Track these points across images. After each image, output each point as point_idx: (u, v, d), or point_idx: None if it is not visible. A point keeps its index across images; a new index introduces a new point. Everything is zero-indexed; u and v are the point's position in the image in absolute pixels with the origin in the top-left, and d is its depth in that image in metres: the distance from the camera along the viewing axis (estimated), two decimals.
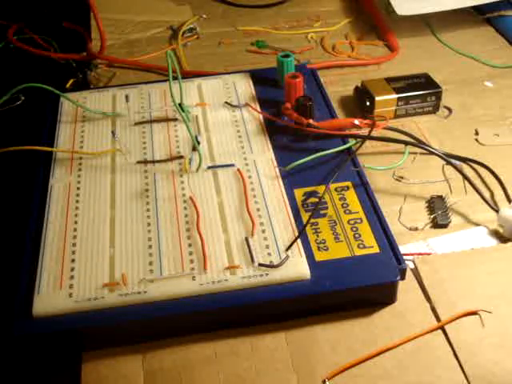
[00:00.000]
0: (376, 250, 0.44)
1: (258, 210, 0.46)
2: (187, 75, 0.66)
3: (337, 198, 0.48)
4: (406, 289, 0.44)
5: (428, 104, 0.62)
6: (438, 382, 0.39)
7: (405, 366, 0.40)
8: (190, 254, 0.43)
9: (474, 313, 0.42)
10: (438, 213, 0.51)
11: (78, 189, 0.49)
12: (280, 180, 0.49)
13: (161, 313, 0.40)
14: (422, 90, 0.62)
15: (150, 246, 0.44)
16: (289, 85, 0.55)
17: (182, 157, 0.52)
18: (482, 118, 0.62)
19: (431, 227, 0.50)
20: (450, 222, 0.50)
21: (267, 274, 0.42)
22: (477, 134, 0.60)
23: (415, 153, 0.57)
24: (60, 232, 0.45)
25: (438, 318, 0.42)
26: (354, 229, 0.45)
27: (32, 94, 0.60)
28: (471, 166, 0.56)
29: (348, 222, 0.46)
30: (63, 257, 0.43)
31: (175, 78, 0.51)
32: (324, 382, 0.39)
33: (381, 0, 0.81)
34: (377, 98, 0.60)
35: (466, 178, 0.52)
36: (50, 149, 0.53)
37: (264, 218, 0.46)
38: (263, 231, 0.45)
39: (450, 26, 0.78)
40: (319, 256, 0.43)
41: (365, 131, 0.52)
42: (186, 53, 0.75)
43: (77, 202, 0.48)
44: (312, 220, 0.46)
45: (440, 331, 0.42)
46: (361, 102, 0.62)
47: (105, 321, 0.40)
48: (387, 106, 0.61)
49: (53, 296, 0.41)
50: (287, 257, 0.43)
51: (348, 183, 0.49)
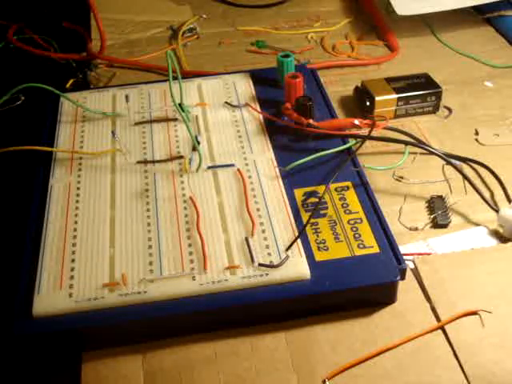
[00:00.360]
0: (376, 250, 0.44)
1: (258, 210, 0.46)
2: (187, 75, 0.66)
3: (337, 198, 0.48)
4: (406, 289, 0.44)
5: (428, 104, 0.62)
6: (438, 382, 0.39)
7: (405, 365, 0.40)
8: (190, 254, 0.43)
9: (474, 313, 0.42)
10: (438, 213, 0.51)
11: (78, 189, 0.49)
12: (280, 180, 0.49)
13: (161, 313, 0.40)
14: (422, 90, 0.62)
15: (150, 246, 0.44)
16: (289, 85, 0.55)
17: (182, 157, 0.52)
18: (482, 117, 0.62)
19: (431, 227, 0.50)
20: (450, 221, 0.50)
21: (267, 274, 0.42)
22: (477, 133, 0.60)
23: (415, 153, 0.57)
24: (60, 232, 0.45)
25: (437, 318, 0.42)
26: (354, 229, 0.45)
27: (32, 93, 0.60)
28: (471, 166, 0.56)
29: (348, 221, 0.46)
30: (63, 257, 0.43)
31: (175, 78, 0.51)
32: (324, 382, 0.39)
33: (381, 0, 0.81)
34: (377, 98, 0.60)
35: (466, 178, 0.52)
36: (50, 149, 0.53)
37: (264, 218, 0.46)
38: (263, 231, 0.45)
39: (449, 26, 0.78)
40: (319, 256, 0.43)
41: (365, 131, 0.52)
42: (185, 53, 0.75)
43: (77, 202, 0.48)
44: (312, 220, 0.46)
45: (440, 331, 0.42)
46: (361, 102, 0.62)
47: (105, 321, 0.40)
48: (387, 106, 0.61)
49: (53, 296, 0.41)
50: (287, 257, 0.43)
51: (348, 183, 0.49)
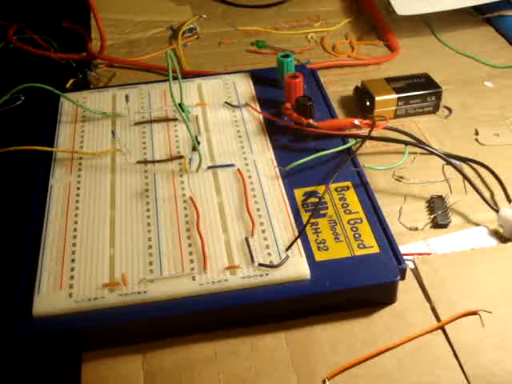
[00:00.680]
0: (376, 250, 0.44)
1: (258, 209, 0.46)
2: (187, 75, 0.66)
3: (337, 198, 0.48)
4: (406, 289, 0.44)
5: (428, 104, 0.62)
6: (438, 382, 0.39)
7: (405, 366, 0.40)
8: (190, 253, 0.43)
9: (474, 313, 0.42)
10: (438, 213, 0.51)
11: (78, 189, 0.49)
12: (280, 180, 0.49)
13: (161, 313, 0.40)
14: (422, 90, 0.62)
15: (150, 246, 0.44)
16: (289, 85, 0.55)
17: (182, 157, 0.51)
18: (482, 117, 0.62)
19: (431, 227, 0.50)
20: (450, 221, 0.50)
21: (267, 274, 0.42)
22: (477, 133, 0.60)
23: (415, 153, 0.57)
24: (60, 232, 0.45)
25: (437, 318, 0.42)
26: (354, 229, 0.45)
27: (32, 93, 0.60)
28: (471, 166, 0.56)
29: (348, 221, 0.46)
30: (63, 257, 0.43)
31: (175, 78, 0.51)
32: (324, 381, 0.39)
33: (381, 0, 0.81)
34: (377, 98, 0.60)
35: (466, 178, 0.52)
36: (50, 149, 0.53)
37: (264, 218, 0.46)
38: (263, 231, 0.45)
39: (449, 26, 0.78)
40: (319, 256, 0.43)
41: (365, 131, 0.52)
42: (185, 53, 0.75)
43: (77, 201, 0.48)
44: (312, 220, 0.46)
45: (440, 331, 0.42)
46: (361, 102, 0.62)
47: (105, 321, 0.40)
48: (387, 106, 0.61)
49: (53, 296, 0.41)
50: (287, 257, 0.43)
51: (348, 183, 0.49)
